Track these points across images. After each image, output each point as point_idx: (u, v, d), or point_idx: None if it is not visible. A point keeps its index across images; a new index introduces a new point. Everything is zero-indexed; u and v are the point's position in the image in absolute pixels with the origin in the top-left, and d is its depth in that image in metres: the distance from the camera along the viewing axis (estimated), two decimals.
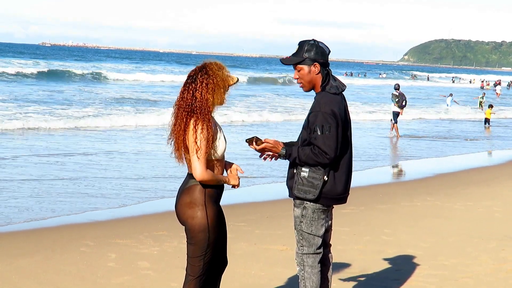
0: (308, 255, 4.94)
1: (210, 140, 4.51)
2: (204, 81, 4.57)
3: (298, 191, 4.84)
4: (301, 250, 4.96)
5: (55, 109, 25.43)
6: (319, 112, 4.72)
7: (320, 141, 4.68)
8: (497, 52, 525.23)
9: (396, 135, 22.72)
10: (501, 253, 7.84)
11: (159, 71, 72.40)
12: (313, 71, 4.86)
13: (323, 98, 4.79)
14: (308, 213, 4.88)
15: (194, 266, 4.62)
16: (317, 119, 4.71)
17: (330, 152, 4.67)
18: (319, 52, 4.85)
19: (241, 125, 24.13)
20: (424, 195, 11.66)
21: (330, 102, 4.77)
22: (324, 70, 4.88)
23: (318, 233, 4.91)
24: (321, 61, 4.85)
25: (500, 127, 29.20)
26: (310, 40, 4.91)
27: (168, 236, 8.26)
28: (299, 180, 4.83)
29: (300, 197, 4.85)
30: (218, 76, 4.60)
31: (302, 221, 4.91)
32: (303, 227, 4.91)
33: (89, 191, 11.00)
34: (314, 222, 4.89)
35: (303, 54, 4.86)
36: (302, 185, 4.82)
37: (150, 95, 37.35)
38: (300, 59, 4.86)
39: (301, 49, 4.88)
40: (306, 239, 4.92)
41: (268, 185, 12.20)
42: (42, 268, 6.90)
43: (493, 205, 10.86)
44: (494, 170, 15.60)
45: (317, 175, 4.77)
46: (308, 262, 4.94)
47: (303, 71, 4.88)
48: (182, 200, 4.60)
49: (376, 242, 8.30)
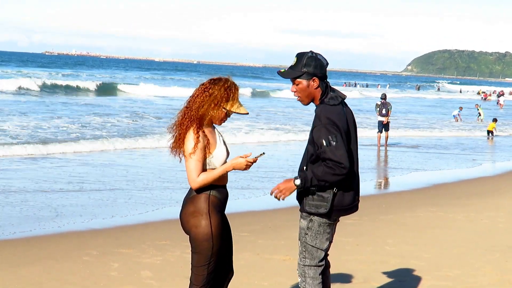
0: (310, 267, 4.90)
1: (202, 149, 4.53)
2: (207, 91, 4.63)
3: (310, 207, 4.76)
4: (303, 262, 4.91)
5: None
6: (320, 125, 4.63)
7: (329, 153, 4.56)
8: (500, 63, 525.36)
9: (378, 145, 22.38)
10: (505, 264, 7.82)
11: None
12: (312, 86, 4.76)
13: (322, 111, 4.70)
14: (314, 226, 4.82)
15: (198, 275, 4.62)
16: (320, 133, 4.61)
17: (344, 161, 4.55)
18: (318, 65, 4.74)
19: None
20: (427, 206, 11.64)
21: (330, 113, 4.68)
22: (323, 83, 4.79)
23: (322, 247, 4.87)
24: (319, 75, 4.75)
25: (502, 138, 29.16)
26: (308, 52, 4.79)
27: (171, 245, 8.25)
28: (309, 196, 4.75)
29: (313, 212, 4.77)
30: (216, 91, 4.62)
31: (307, 234, 4.84)
32: (307, 239, 4.86)
33: (92, 200, 11.01)
34: (319, 236, 4.83)
35: (302, 68, 4.74)
36: (312, 200, 4.74)
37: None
38: (299, 74, 4.75)
39: (299, 62, 4.76)
40: (309, 252, 4.88)
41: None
42: (45, 277, 6.90)
43: (496, 216, 10.84)
44: (497, 181, 15.57)
45: (326, 188, 4.70)
46: (309, 273, 4.90)
47: (301, 85, 4.77)
48: (187, 209, 4.62)
49: (379, 252, 8.28)
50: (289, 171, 14.80)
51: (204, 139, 4.56)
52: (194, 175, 4.52)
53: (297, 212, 5.02)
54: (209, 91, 4.63)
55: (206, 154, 4.56)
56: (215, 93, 4.62)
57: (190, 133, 4.55)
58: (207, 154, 4.57)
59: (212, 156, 4.58)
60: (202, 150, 4.54)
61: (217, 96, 4.61)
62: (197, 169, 4.52)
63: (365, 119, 33.33)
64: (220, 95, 4.62)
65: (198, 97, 4.64)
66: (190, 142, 4.53)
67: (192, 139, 4.53)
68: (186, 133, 4.57)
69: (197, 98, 4.64)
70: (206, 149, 4.56)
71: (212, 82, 4.69)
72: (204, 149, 4.55)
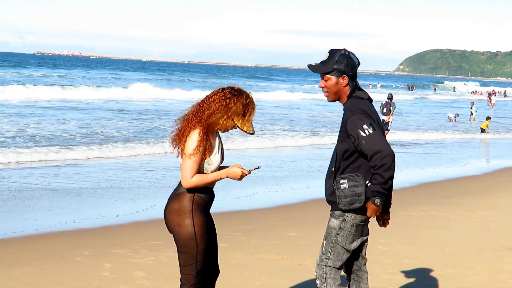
0: (332, 268, 4.82)
1: (202, 152, 4.52)
2: (225, 101, 4.58)
3: (344, 205, 4.66)
4: (325, 262, 4.83)
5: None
6: (353, 116, 4.59)
7: (369, 142, 4.49)
8: (492, 62, 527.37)
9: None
10: (497, 264, 7.84)
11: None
12: (341, 83, 4.74)
13: (352, 104, 4.69)
14: (346, 226, 4.75)
15: (187, 275, 4.62)
16: (355, 123, 4.56)
17: (385, 148, 4.48)
18: (349, 64, 4.72)
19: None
20: (420, 204, 11.66)
21: (361, 104, 4.68)
22: (353, 83, 4.77)
23: (350, 248, 4.81)
24: (350, 74, 4.74)
25: (494, 136, 29.26)
26: (341, 49, 4.78)
27: (163, 245, 8.23)
28: (341, 194, 4.65)
29: (348, 209, 4.69)
30: (235, 105, 4.58)
31: (339, 233, 4.77)
32: (339, 239, 4.77)
33: (84, 201, 10.98)
34: (350, 236, 4.77)
35: (333, 64, 4.72)
36: (345, 197, 4.65)
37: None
38: (329, 70, 4.73)
39: (331, 58, 4.74)
40: (336, 253, 4.80)
41: (262, 194, 12.17)
42: (38, 278, 6.87)
43: (489, 215, 10.87)
44: (489, 180, 15.60)
45: (357, 182, 4.61)
46: (331, 274, 4.82)
47: (330, 81, 4.76)
48: (171, 207, 4.62)
49: (372, 252, 8.27)
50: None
51: (207, 142, 4.55)
52: (189, 175, 4.51)
53: (290, 212, 5.02)
54: (226, 101, 4.57)
55: (205, 157, 4.56)
56: (233, 106, 4.57)
57: (195, 133, 4.52)
58: (206, 157, 4.56)
59: (210, 161, 4.58)
60: (202, 153, 4.53)
61: (233, 110, 4.58)
62: (192, 169, 4.51)
63: None
64: (237, 110, 4.58)
65: (214, 103, 4.58)
66: (193, 142, 4.51)
67: (196, 140, 4.51)
68: (191, 132, 4.54)
69: (213, 103, 4.58)
70: (205, 153, 4.55)
71: (233, 92, 4.63)
72: (204, 152, 4.54)
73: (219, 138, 4.72)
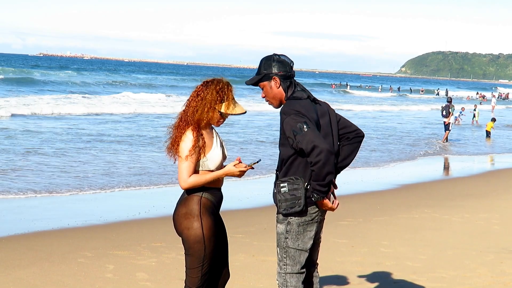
0: (292, 274, 4.70)
1: (196, 151, 4.53)
2: (199, 95, 4.64)
3: (284, 208, 4.59)
4: (283, 270, 4.72)
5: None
6: (287, 118, 4.52)
7: (305, 141, 4.42)
8: (494, 64, 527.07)
9: (443, 140, 25.63)
10: (500, 266, 7.84)
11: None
12: (274, 86, 4.70)
13: (286, 106, 4.62)
14: (293, 228, 4.65)
15: (192, 277, 4.63)
16: (290, 125, 4.49)
17: (320, 144, 4.40)
18: (276, 65, 4.68)
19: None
20: (422, 207, 11.66)
21: (294, 105, 4.58)
22: (286, 82, 4.70)
23: (305, 247, 4.69)
24: (280, 74, 4.68)
25: (500, 138, 29.23)
26: (268, 55, 4.76)
27: (166, 247, 8.24)
28: (281, 197, 4.59)
29: (288, 213, 4.61)
30: (209, 94, 4.61)
31: (288, 237, 4.66)
32: (288, 243, 4.66)
33: (87, 202, 10.99)
34: (300, 236, 4.66)
35: (262, 71, 4.71)
36: (285, 201, 4.58)
37: None
38: (259, 77, 4.72)
39: (260, 66, 4.74)
40: (291, 257, 4.68)
41: (265, 195, 12.17)
42: (40, 280, 6.88)
43: (491, 217, 10.87)
44: (492, 182, 15.59)
45: (297, 185, 4.55)
46: (291, 282, 4.70)
47: (265, 88, 4.72)
48: (179, 211, 4.63)
49: (374, 254, 8.29)
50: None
51: (201, 141, 4.56)
52: (185, 175, 4.52)
53: None
54: (201, 95, 4.62)
55: (200, 156, 4.57)
56: (207, 97, 4.60)
57: (188, 134, 4.55)
58: (201, 156, 4.57)
59: (206, 159, 4.58)
60: (197, 152, 4.54)
61: (209, 99, 4.60)
62: (188, 169, 4.52)
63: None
64: (213, 98, 4.60)
65: (192, 101, 4.64)
66: (185, 142, 4.54)
67: (190, 140, 4.53)
68: (182, 135, 4.57)
69: (192, 102, 4.64)
70: (201, 151, 4.56)
71: (204, 85, 4.68)
72: (199, 151, 4.55)
73: (216, 134, 4.72)
